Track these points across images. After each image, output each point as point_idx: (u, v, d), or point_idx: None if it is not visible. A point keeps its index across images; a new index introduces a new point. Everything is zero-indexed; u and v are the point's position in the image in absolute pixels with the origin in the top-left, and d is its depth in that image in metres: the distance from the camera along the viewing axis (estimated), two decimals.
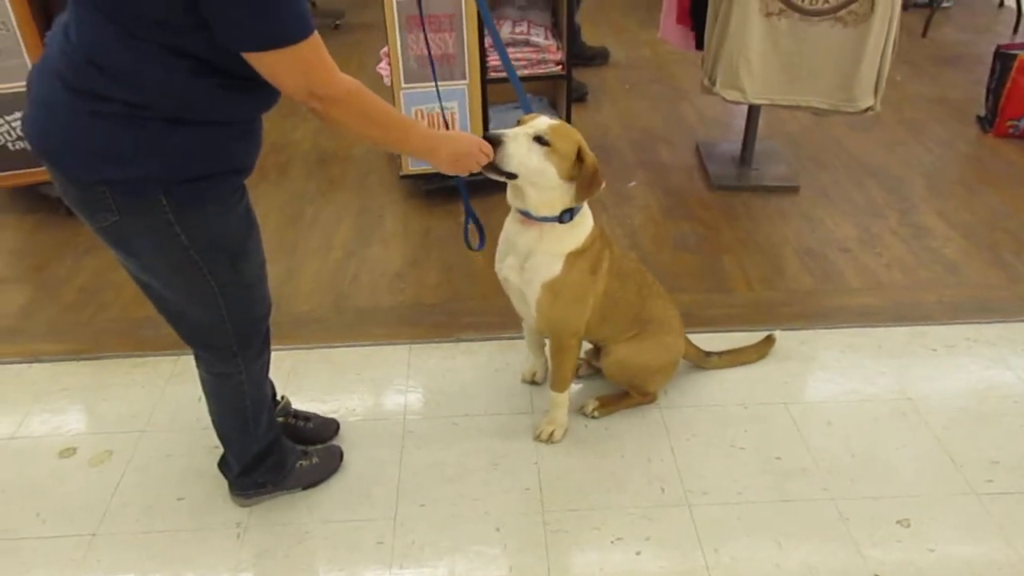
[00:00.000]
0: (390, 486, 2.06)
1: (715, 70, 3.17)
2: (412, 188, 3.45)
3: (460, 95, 3.15)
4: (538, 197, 1.85)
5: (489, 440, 2.20)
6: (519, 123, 1.85)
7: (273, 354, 2.46)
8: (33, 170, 3.15)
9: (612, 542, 1.90)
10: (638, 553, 1.87)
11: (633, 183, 3.56)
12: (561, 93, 3.46)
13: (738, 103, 3.24)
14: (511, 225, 1.98)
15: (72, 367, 2.50)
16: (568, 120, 3.43)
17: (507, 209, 1.98)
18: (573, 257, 1.94)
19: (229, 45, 1.34)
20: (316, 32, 1.36)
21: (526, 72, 3.31)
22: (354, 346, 2.57)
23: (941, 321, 2.64)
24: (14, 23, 2.92)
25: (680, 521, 1.95)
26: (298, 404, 2.24)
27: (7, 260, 3.07)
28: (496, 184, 1.87)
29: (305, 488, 2.05)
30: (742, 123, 3.58)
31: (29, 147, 1.49)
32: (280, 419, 2.12)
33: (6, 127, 3.10)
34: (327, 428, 2.22)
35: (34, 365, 2.51)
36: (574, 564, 1.85)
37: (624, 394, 2.28)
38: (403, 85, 3.11)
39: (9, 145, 3.13)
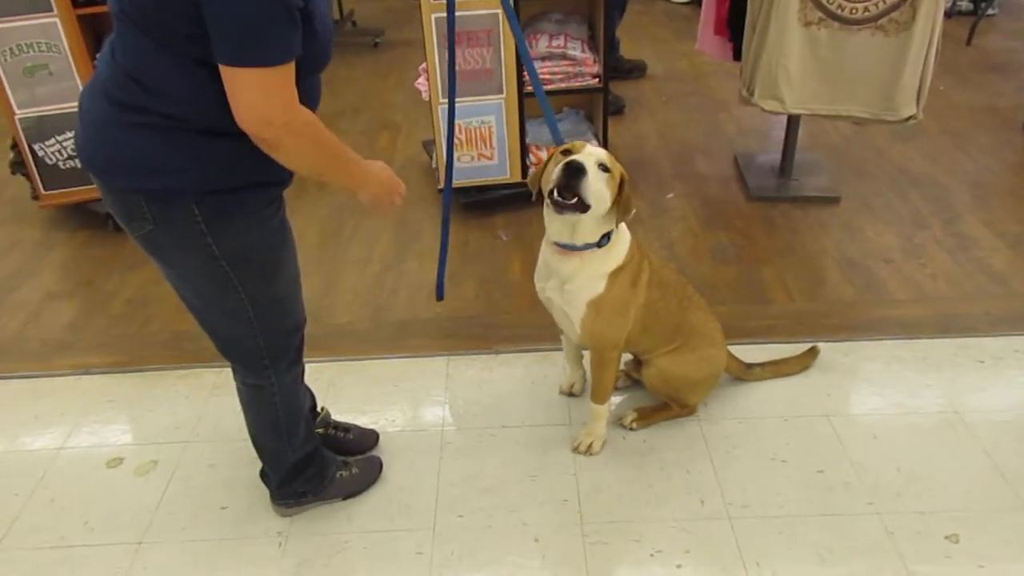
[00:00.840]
0: (428, 497, 2.07)
1: (753, 80, 3.16)
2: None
3: (497, 109, 3.17)
4: (588, 226, 1.85)
5: (527, 452, 2.20)
6: (563, 152, 1.84)
7: (312, 365, 2.50)
8: (82, 188, 3.25)
9: (652, 555, 1.89)
10: (678, 566, 1.85)
11: (671, 195, 3.54)
12: (598, 106, 3.47)
13: (777, 113, 3.22)
14: (550, 255, 1.97)
15: (119, 379, 2.56)
16: (605, 132, 3.43)
17: (539, 225, 1.98)
18: (615, 274, 1.95)
19: (215, 55, 1.34)
20: (292, 64, 1.36)
21: (563, 85, 3.32)
22: (392, 358, 2.60)
23: (988, 333, 2.58)
24: (65, 46, 3.02)
25: (721, 534, 1.93)
26: (337, 415, 2.26)
27: (58, 275, 3.16)
28: (526, 200, 1.87)
29: (345, 498, 2.06)
30: (781, 134, 3.55)
31: (79, 164, 1.54)
32: (320, 430, 2.15)
33: (57, 146, 3.20)
34: (367, 439, 2.24)
35: (83, 377, 2.57)
36: None
37: (663, 406, 2.27)
38: (441, 100, 3.14)
39: (60, 164, 3.23)
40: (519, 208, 3.38)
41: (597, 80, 3.33)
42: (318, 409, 2.19)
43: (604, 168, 1.81)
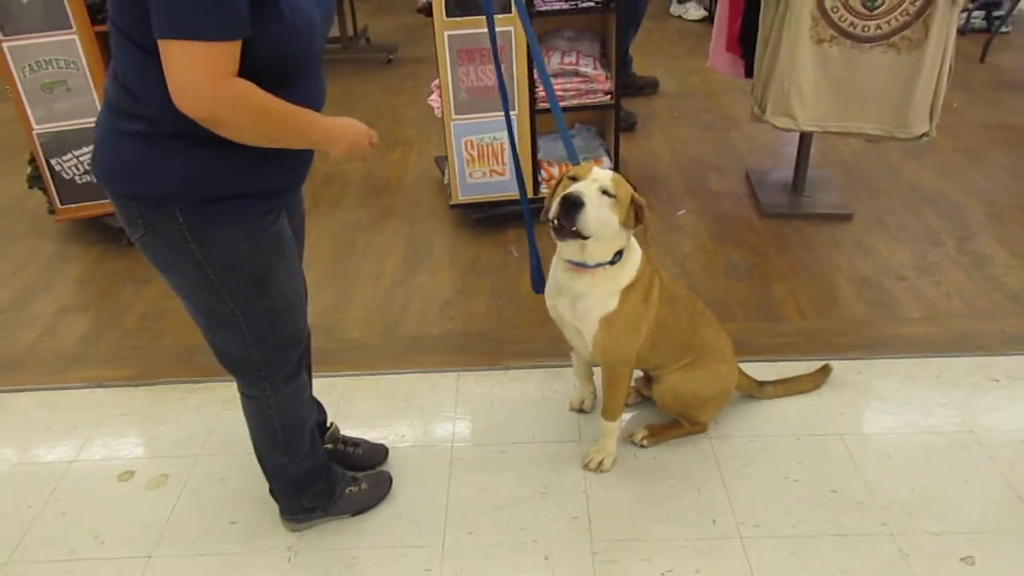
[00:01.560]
0: (438, 513, 2.06)
1: (765, 98, 3.16)
2: (461, 217, 3.49)
3: None
4: (597, 247, 1.86)
5: (537, 468, 2.19)
6: (570, 178, 1.84)
7: (323, 380, 2.51)
8: (98, 202, 3.28)
9: (662, 574, 1.87)
10: None
11: (682, 211, 3.54)
12: (609, 123, 3.48)
13: (789, 130, 3.22)
14: (561, 272, 1.97)
15: (131, 392, 2.57)
16: (617, 149, 3.44)
17: (550, 240, 1.97)
18: (627, 290, 1.95)
19: (154, 31, 1.30)
20: (237, 42, 1.31)
21: (575, 102, 3.33)
22: (403, 373, 2.60)
23: (1004, 352, 2.56)
24: (84, 63, 3.06)
25: (732, 554, 1.91)
26: (348, 430, 2.26)
27: (72, 289, 3.18)
28: (537, 215, 1.87)
29: (354, 514, 2.06)
30: (793, 151, 3.54)
31: (94, 179, 1.57)
32: (329, 445, 2.15)
33: (73, 161, 3.24)
34: (376, 454, 2.24)
35: (96, 390, 2.59)
36: None
37: (674, 423, 2.26)
38: (454, 117, 3.16)
39: (76, 179, 3.27)
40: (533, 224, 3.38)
41: (609, 97, 3.34)
42: (327, 424, 2.19)
43: (608, 193, 1.80)
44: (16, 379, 2.66)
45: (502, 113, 2.16)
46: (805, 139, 3.44)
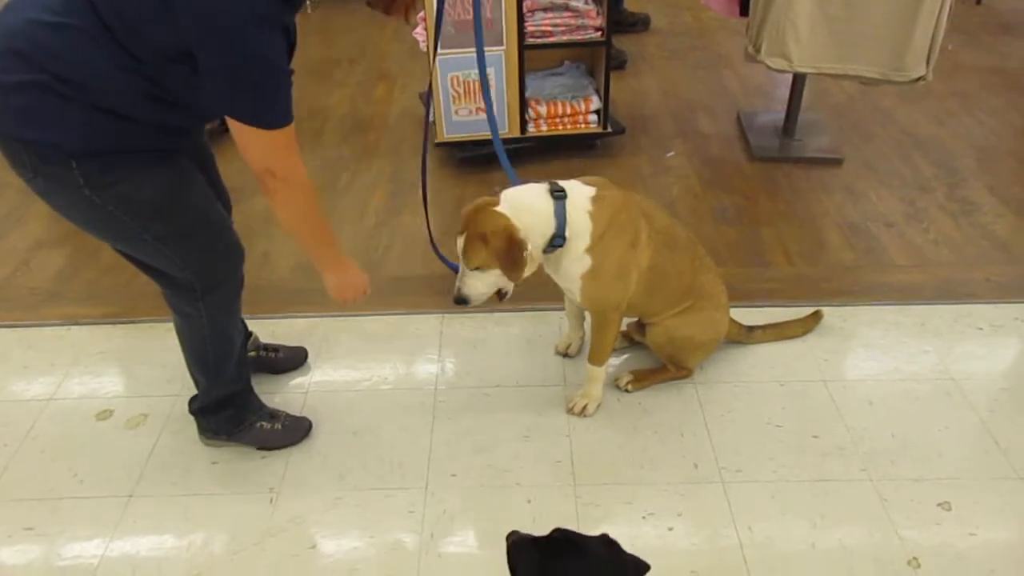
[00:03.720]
0: (421, 456, 2.06)
1: (760, 37, 3.08)
2: (447, 156, 3.41)
3: (496, 61, 3.09)
4: (528, 270, 1.91)
5: (521, 412, 2.19)
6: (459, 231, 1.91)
7: (305, 320, 2.48)
8: None
9: (644, 517, 1.88)
10: (670, 529, 1.85)
11: (672, 153, 3.49)
12: (600, 60, 3.38)
13: (783, 71, 3.15)
14: None
15: (109, 330, 2.53)
16: (606, 87, 3.35)
17: (538, 181, 1.96)
18: (596, 246, 1.92)
19: (214, 108, 1.50)
20: (292, 121, 1.51)
21: (564, 38, 3.23)
22: (386, 314, 2.56)
23: (989, 300, 2.56)
24: None
25: (713, 498, 1.93)
26: (330, 372, 2.25)
27: (45, 224, 3.10)
28: (524, 155, 1.83)
29: (260, 449, 2.07)
30: (785, 93, 3.48)
31: None
32: (252, 353, 2.21)
33: None
34: (297, 356, 2.33)
35: (72, 328, 2.54)
36: None
37: (660, 368, 2.25)
38: (440, 51, 3.06)
39: None
40: (517, 163, 3.31)
41: (600, 33, 3.24)
42: (248, 333, 2.23)
43: (480, 269, 1.88)
44: None
45: (489, 48, 2.10)
46: (798, 81, 3.37)
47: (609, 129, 3.40)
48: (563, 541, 1.25)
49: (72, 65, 1.42)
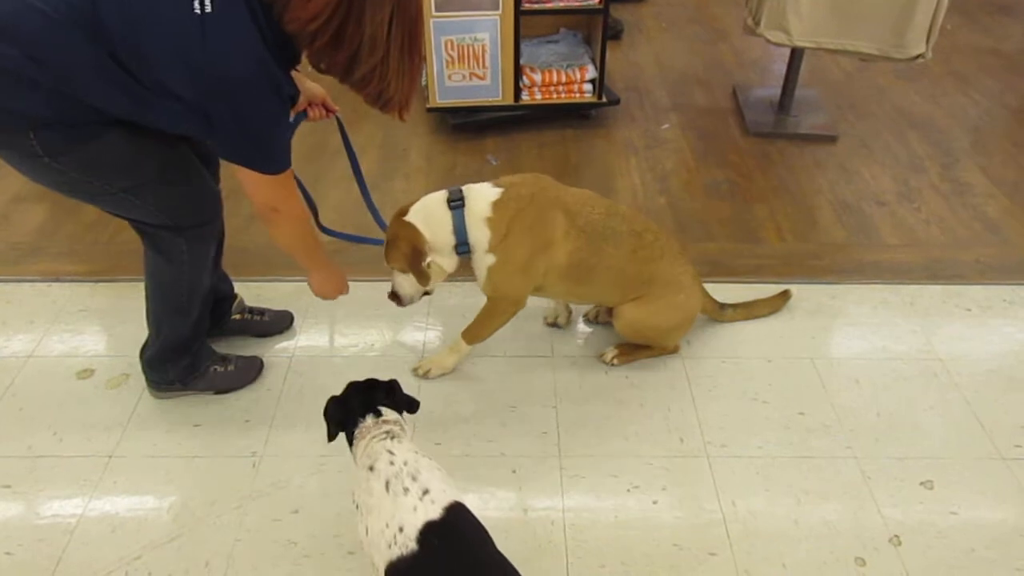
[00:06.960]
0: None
1: (760, 10, 3.03)
2: (439, 122, 3.36)
3: (492, 26, 3.04)
4: (434, 273, 2.01)
5: (507, 382, 2.17)
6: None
7: (292, 284, 2.45)
8: None
9: (628, 490, 1.88)
10: (654, 502, 1.85)
11: (666, 126, 3.45)
12: (596, 29, 3.33)
13: (782, 46, 3.11)
14: None
15: (91, 288, 2.48)
16: (603, 57, 3.30)
17: (529, 149, 1.94)
18: (498, 248, 1.95)
19: (222, 154, 1.66)
20: (290, 167, 1.68)
21: (561, 4, 3.17)
22: (374, 280, 2.52)
23: (978, 281, 2.56)
24: None
25: (698, 472, 1.93)
26: (316, 338, 2.22)
27: (24, 178, 3.02)
28: (517, 123, 1.80)
29: (216, 393, 2.08)
30: (782, 68, 3.44)
31: None
32: (237, 316, 2.23)
33: None
34: (283, 320, 2.32)
35: (53, 285, 2.50)
36: (590, 510, 1.84)
37: (644, 344, 2.24)
38: (434, 14, 3.00)
39: None
40: (510, 131, 3.28)
41: (598, 1, 3.18)
42: (234, 295, 2.24)
43: (398, 270, 2.01)
44: None
45: (485, 13, 2.09)
46: (796, 56, 3.34)
47: (604, 99, 3.36)
48: (354, 384, 1.63)
49: (42, 50, 1.46)
